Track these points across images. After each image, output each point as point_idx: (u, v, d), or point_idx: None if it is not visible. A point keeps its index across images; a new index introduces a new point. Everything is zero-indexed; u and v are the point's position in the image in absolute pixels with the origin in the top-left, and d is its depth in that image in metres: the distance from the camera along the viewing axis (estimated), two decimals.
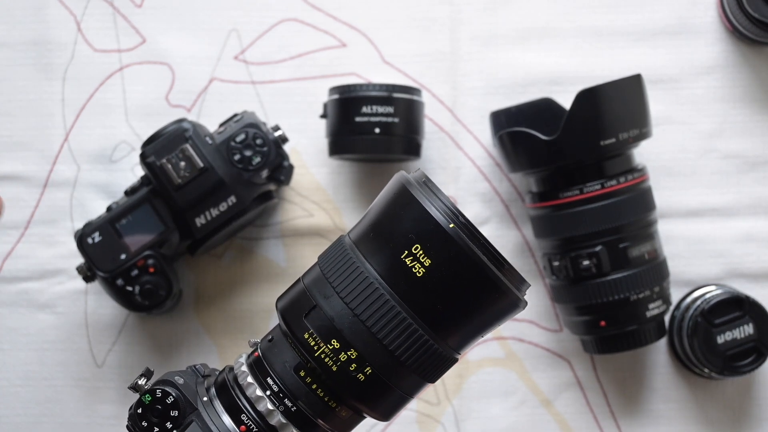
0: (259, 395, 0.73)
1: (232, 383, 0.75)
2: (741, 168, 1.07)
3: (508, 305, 0.71)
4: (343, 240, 0.74)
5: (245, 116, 1.00)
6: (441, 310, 0.70)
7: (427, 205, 0.69)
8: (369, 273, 0.70)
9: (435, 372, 0.73)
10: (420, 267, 0.69)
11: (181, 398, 0.74)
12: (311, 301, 0.72)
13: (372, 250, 0.71)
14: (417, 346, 0.70)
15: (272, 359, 0.74)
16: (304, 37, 1.09)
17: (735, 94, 1.08)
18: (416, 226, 0.69)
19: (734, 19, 1.05)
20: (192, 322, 1.07)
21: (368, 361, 0.70)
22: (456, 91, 1.08)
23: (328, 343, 0.71)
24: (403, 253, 0.69)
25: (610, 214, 0.97)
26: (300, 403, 0.73)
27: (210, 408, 0.74)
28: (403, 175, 0.72)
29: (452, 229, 0.68)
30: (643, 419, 1.06)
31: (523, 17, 1.08)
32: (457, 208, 0.70)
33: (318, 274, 0.73)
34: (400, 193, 0.71)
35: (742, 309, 1.00)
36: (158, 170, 0.96)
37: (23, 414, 1.06)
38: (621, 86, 0.97)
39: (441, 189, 0.71)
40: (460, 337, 0.72)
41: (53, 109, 1.08)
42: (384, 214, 0.72)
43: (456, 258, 0.68)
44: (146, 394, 0.74)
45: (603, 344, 1.00)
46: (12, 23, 1.08)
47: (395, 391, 0.72)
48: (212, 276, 1.07)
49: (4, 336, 1.07)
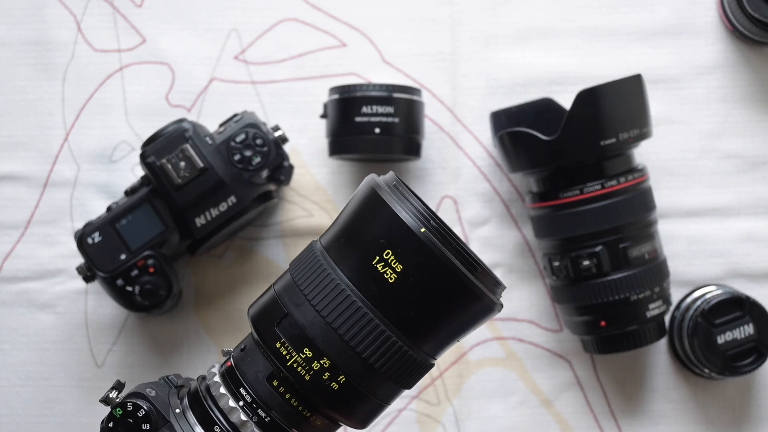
0: (232, 406, 0.72)
1: (205, 394, 0.74)
2: (741, 168, 1.07)
3: (483, 309, 0.70)
4: (314, 246, 0.72)
5: (245, 116, 1.00)
6: (414, 316, 0.69)
7: (397, 209, 0.68)
8: (340, 279, 0.69)
9: (410, 378, 0.72)
10: (392, 273, 0.67)
11: (152, 411, 0.73)
12: (282, 309, 0.71)
13: (343, 255, 0.70)
14: (391, 353, 0.69)
15: (245, 369, 0.73)
16: (304, 37, 1.09)
17: (735, 94, 1.08)
18: (387, 231, 0.68)
19: (734, 19, 1.05)
20: (192, 322, 1.07)
21: (341, 369, 0.69)
22: (456, 91, 1.08)
23: (300, 352, 0.69)
24: (374, 259, 0.68)
25: (610, 214, 0.97)
26: (273, 413, 0.72)
27: (182, 420, 0.73)
28: (373, 179, 0.71)
29: (423, 234, 0.67)
30: (643, 419, 1.06)
31: (523, 17, 1.09)
32: (430, 210, 0.68)
33: (289, 281, 0.72)
34: (370, 196, 0.70)
35: (742, 309, 1.00)
36: (158, 170, 0.96)
37: (23, 414, 1.06)
38: (621, 86, 0.97)
39: (410, 189, 0.70)
40: (434, 343, 0.71)
41: (53, 109, 1.08)
42: (354, 218, 0.70)
43: (428, 263, 0.67)
44: (117, 408, 0.74)
45: (603, 344, 1.00)
46: (12, 23, 1.08)
47: (370, 399, 0.71)
48: (212, 276, 1.07)
49: (4, 336, 1.07)
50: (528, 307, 1.07)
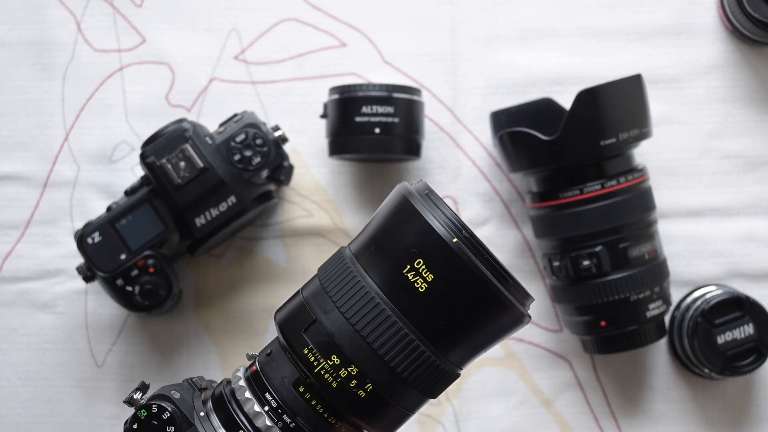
0: (257, 411, 0.72)
1: (230, 398, 0.74)
2: (741, 168, 1.07)
3: (512, 321, 0.70)
4: (343, 252, 0.72)
5: (245, 116, 1.00)
6: (443, 326, 0.68)
7: (429, 218, 0.68)
8: (370, 287, 0.69)
9: (436, 388, 0.72)
10: (422, 282, 0.67)
11: (177, 413, 0.72)
12: (311, 315, 0.70)
13: (373, 263, 0.69)
14: (419, 362, 0.69)
15: (271, 374, 0.73)
16: (304, 37, 1.09)
17: (735, 94, 1.08)
18: (418, 240, 0.67)
19: (734, 19, 1.05)
20: (192, 322, 1.07)
21: (369, 377, 0.69)
22: (456, 91, 1.08)
23: (328, 358, 0.69)
24: (405, 268, 0.68)
25: (610, 214, 0.97)
26: (299, 419, 0.72)
27: (207, 423, 0.73)
28: (405, 187, 0.71)
29: (456, 244, 0.67)
30: (643, 419, 1.06)
31: (523, 17, 1.08)
32: (461, 221, 0.68)
33: (317, 287, 0.71)
34: (402, 205, 0.69)
35: (742, 309, 1.00)
36: (158, 170, 0.96)
37: (23, 414, 1.06)
38: (621, 86, 0.97)
39: (442, 198, 0.70)
40: (462, 353, 0.71)
41: (53, 109, 1.08)
42: (385, 226, 0.70)
43: (459, 273, 0.67)
44: (142, 410, 0.73)
45: (603, 344, 1.00)
46: (12, 23, 1.08)
47: (396, 408, 0.71)
48: (212, 276, 1.07)
49: (4, 336, 1.07)
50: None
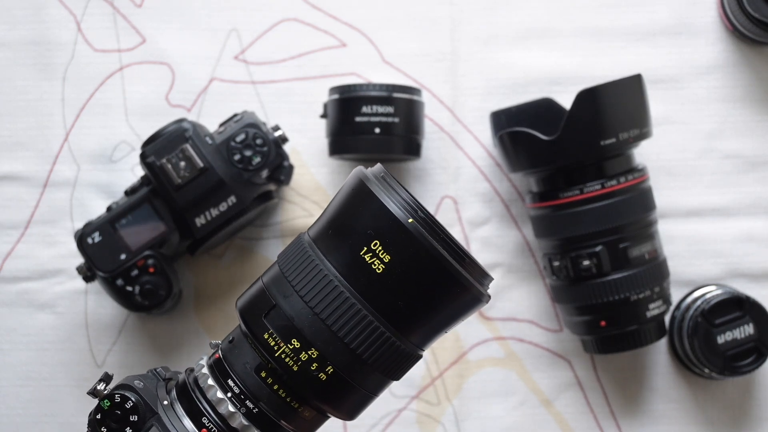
0: (220, 397, 0.72)
1: (193, 386, 0.74)
2: (741, 168, 1.07)
3: (470, 300, 0.70)
4: (302, 237, 0.72)
5: (245, 116, 1.00)
6: (402, 307, 0.69)
7: (385, 200, 0.68)
8: (328, 270, 0.69)
9: (398, 369, 0.72)
10: (379, 263, 0.67)
11: (140, 402, 0.73)
12: (270, 300, 0.71)
13: (331, 247, 0.70)
14: (379, 343, 0.69)
15: (233, 360, 0.73)
16: (304, 37, 1.09)
17: (735, 94, 1.08)
18: (375, 221, 0.68)
19: (734, 19, 1.05)
20: (192, 322, 1.07)
21: (329, 360, 0.69)
22: (456, 91, 1.08)
23: (288, 342, 0.69)
24: (362, 250, 0.68)
25: (610, 214, 0.97)
26: (262, 404, 0.72)
27: (170, 411, 0.73)
28: (361, 170, 0.71)
29: (411, 224, 0.67)
30: (643, 419, 1.06)
31: (523, 17, 1.09)
32: (417, 201, 0.68)
33: (277, 272, 0.72)
34: (358, 188, 0.70)
35: (742, 309, 1.00)
36: (158, 170, 0.96)
37: (23, 414, 1.06)
38: (621, 86, 0.97)
39: (398, 181, 0.70)
40: (422, 334, 0.71)
41: (53, 109, 1.08)
42: (342, 210, 0.70)
43: (416, 253, 0.67)
44: (105, 399, 0.73)
45: (603, 344, 1.00)
46: (12, 23, 1.08)
47: (359, 390, 0.71)
48: (212, 276, 1.07)
49: (4, 336, 1.07)
50: (528, 307, 1.07)
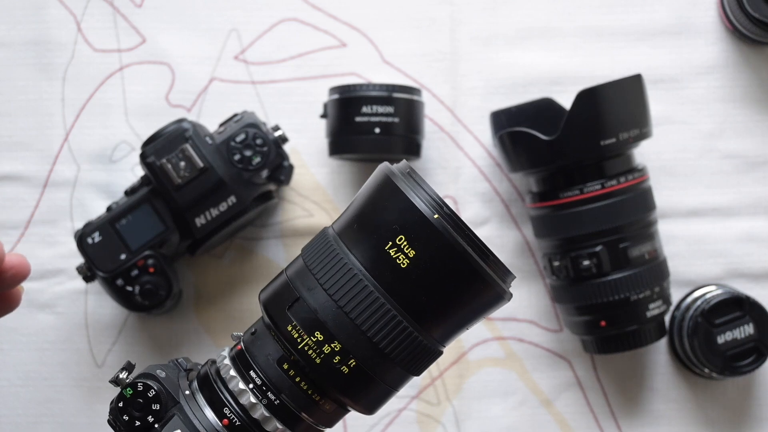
0: (241, 388, 0.72)
1: (215, 376, 0.74)
2: (741, 168, 1.07)
3: (493, 297, 0.71)
4: (327, 231, 0.73)
5: (245, 116, 1.00)
6: (426, 302, 0.69)
7: (411, 195, 0.68)
8: (353, 264, 0.69)
9: (419, 365, 0.72)
10: (404, 258, 0.68)
11: (162, 391, 0.73)
12: (294, 293, 0.71)
13: (356, 241, 0.70)
14: (402, 338, 0.69)
15: (255, 352, 0.73)
16: (304, 37, 1.09)
17: (735, 94, 1.08)
18: (400, 217, 0.68)
19: (734, 19, 1.05)
20: (192, 322, 1.07)
21: (352, 353, 0.69)
22: (456, 91, 1.08)
23: (311, 335, 0.70)
24: (387, 244, 0.68)
25: (610, 214, 0.97)
26: (283, 396, 0.72)
27: (192, 401, 0.73)
28: (387, 166, 0.71)
29: (437, 220, 0.68)
30: (643, 419, 1.06)
31: (523, 17, 1.09)
32: (442, 199, 0.69)
33: (301, 265, 0.72)
34: (384, 183, 0.70)
35: (742, 309, 1.00)
36: (158, 170, 0.96)
37: (23, 414, 1.06)
38: (621, 86, 0.97)
39: (427, 182, 0.70)
40: (444, 329, 0.72)
41: (53, 109, 1.08)
42: (368, 205, 0.71)
43: (441, 249, 0.68)
44: (127, 388, 0.73)
45: (603, 344, 1.00)
46: (12, 23, 1.08)
47: (380, 384, 0.71)
48: (212, 276, 1.07)
49: (4, 336, 1.07)
50: (528, 307, 1.07)
